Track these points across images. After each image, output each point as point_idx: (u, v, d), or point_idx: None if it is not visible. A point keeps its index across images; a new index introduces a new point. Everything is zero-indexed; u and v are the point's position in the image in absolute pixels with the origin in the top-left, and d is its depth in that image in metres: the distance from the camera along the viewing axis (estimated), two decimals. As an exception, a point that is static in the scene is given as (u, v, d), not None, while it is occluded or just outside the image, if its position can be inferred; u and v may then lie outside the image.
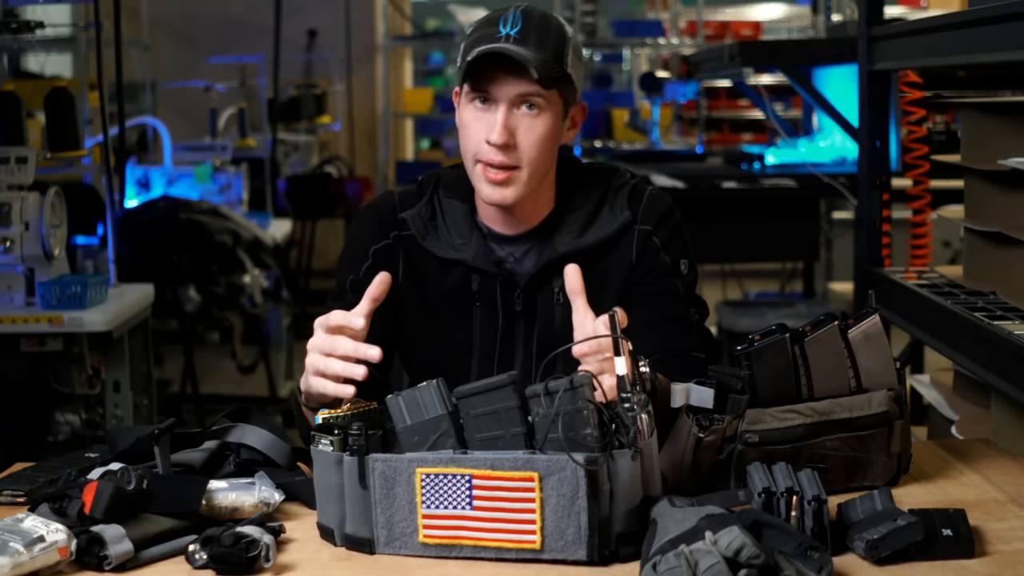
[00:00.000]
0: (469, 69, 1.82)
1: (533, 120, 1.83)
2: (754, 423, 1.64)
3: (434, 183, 1.98)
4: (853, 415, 1.68)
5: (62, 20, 5.85)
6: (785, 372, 1.66)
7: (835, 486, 1.66)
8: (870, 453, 1.70)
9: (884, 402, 1.69)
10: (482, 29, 1.85)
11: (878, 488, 1.58)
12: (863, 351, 1.69)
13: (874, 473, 1.71)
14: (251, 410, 1.83)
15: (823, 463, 1.66)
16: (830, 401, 1.68)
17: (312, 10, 8.86)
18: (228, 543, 1.46)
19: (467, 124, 1.86)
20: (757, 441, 1.64)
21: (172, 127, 5.87)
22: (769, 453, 1.64)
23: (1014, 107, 2.53)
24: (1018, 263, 2.42)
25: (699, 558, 1.32)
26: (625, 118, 8.12)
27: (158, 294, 3.95)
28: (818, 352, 1.67)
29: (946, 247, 4.56)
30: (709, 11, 9.12)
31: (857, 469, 1.70)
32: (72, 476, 1.60)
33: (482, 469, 1.47)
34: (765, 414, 1.65)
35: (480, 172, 1.86)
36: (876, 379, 1.70)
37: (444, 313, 1.94)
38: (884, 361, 1.71)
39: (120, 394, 3.52)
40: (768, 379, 1.65)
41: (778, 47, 5.54)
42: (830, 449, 1.67)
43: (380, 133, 8.90)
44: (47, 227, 3.26)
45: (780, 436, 1.65)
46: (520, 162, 1.84)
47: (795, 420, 1.65)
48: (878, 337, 1.71)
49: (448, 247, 1.93)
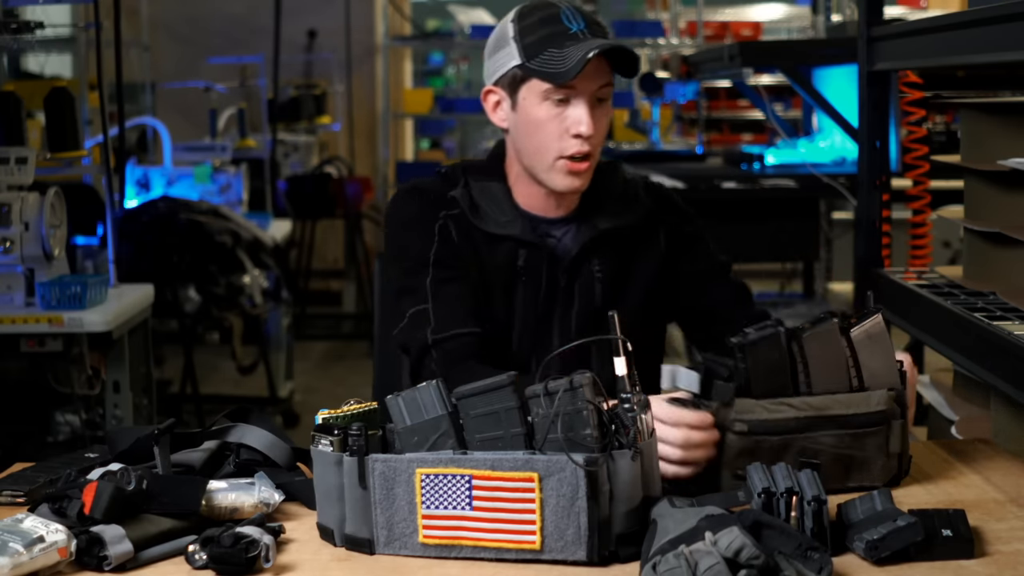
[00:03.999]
0: (576, 69, 1.87)
1: (605, 110, 1.97)
2: (744, 413, 1.64)
3: (462, 171, 2.05)
4: (849, 412, 1.67)
5: (62, 20, 5.85)
6: (780, 366, 1.65)
7: (831, 484, 1.64)
8: (867, 452, 1.69)
9: (883, 401, 1.68)
10: (546, 27, 1.91)
11: (877, 489, 1.58)
12: (866, 350, 1.69)
13: (872, 473, 1.71)
14: (251, 410, 1.83)
15: (816, 459, 1.65)
16: (826, 396, 1.67)
17: (312, 10, 8.86)
18: (228, 543, 1.46)
19: (545, 121, 1.94)
20: (746, 431, 1.63)
21: (172, 127, 5.87)
22: (758, 444, 1.63)
23: (1014, 107, 2.53)
24: (1018, 263, 2.41)
25: (699, 558, 1.32)
26: (625, 118, 8.11)
27: (158, 294, 3.94)
28: (816, 349, 1.67)
29: (946, 247, 4.55)
30: (709, 11, 9.11)
31: (854, 468, 1.70)
32: (72, 476, 1.60)
33: (482, 469, 1.47)
34: (756, 405, 1.65)
35: (563, 166, 1.95)
36: (879, 379, 1.69)
37: (489, 289, 2.00)
38: (887, 361, 1.71)
39: (120, 394, 3.52)
40: (762, 372, 1.65)
41: (778, 47, 5.53)
42: (823, 445, 1.67)
43: (380, 133, 8.90)
44: (47, 227, 3.26)
45: (770, 427, 1.64)
46: (595, 151, 1.97)
47: (787, 413, 1.65)
48: (881, 336, 1.70)
49: (494, 224, 2.01)
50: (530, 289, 2.01)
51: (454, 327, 1.94)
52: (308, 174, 7.36)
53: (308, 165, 7.50)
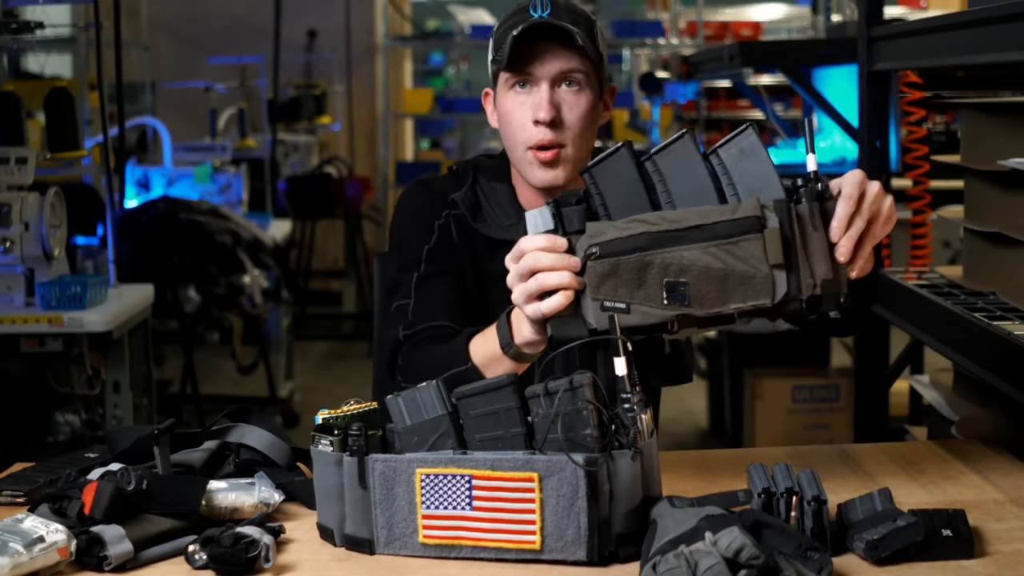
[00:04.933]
0: (511, 51, 1.84)
1: (576, 96, 1.87)
2: (595, 236, 1.56)
3: (472, 170, 2.02)
4: (710, 221, 1.54)
5: (62, 20, 5.86)
6: (633, 187, 1.57)
7: (713, 307, 1.54)
8: (745, 266, 1.54)
9: (752, 208, 1.54)
10: (512, 18, 1.88)
11: (771, 319, 1.54)
12: (739, 167, 1.58)
13: (755, 289, 1.55)
14: (251, 410, 1.83)
15: (682, 277, 1.54)
16: (684, 210, 1.56)
17: (312, 10, 8.87)
18: (228, 543, 1.46)
19: (510, 112, 1.90)
20: (598, 254, 1.55)
21: (172, 127, 5.87)
22: (616, 267, 1.54)
23: (1014, 107, 2.53)
24: (1018, 263, 2.42)
25: (699, 558, 1.32)
26: (625, 118, 8.11)
27: (158, 294, 3.95)
28: (672, 164, 1.57)
29: (946, 247, 4.55)
30: (709, 11, 9.11)
31: (730, 284, 1.55)
32: (72, 476, 1.60)
33: (482, 469, 1.47)
34: (608, 226, 1.56)
35: (531, 158, 1.89)
36: (761, 194, 1.57)
37: (491, 293, 1.96)
38: (767, 176, 1.58)
39: (120, 394, 3.52)
40: (617, 197, 1.57)
41: (778, 47, 5.53)
42: (689, 261, 1.54)
43: (380, 133, 8.90)
44: (47, 227, 3.26)
45: (622, 246, 1.54)
46: (566, 140, 1.88)
47: (638, 228, 1.55)
48: (755, 150, 1.59)
49: (497, 228, 1.97)
50: None
51: (427, 320, 1.89)
52: (308, 174, 7.37)
53: (308, 165, 7.50)
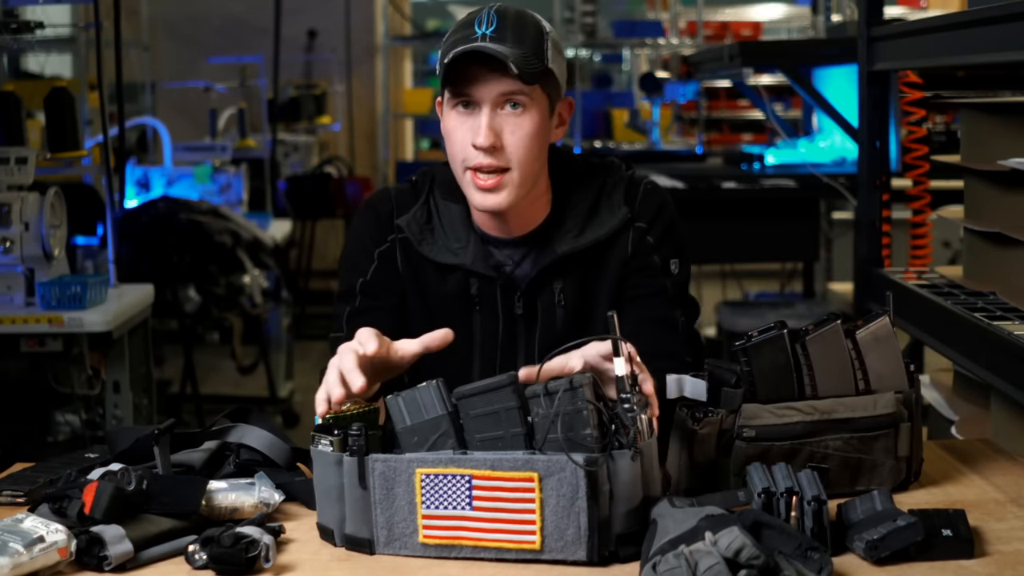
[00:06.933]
0: (447, 73, 1.78)
1: (519, 119, 1.79)
2: (751, 419, 1.63)
3: (429, 184, 1.94)
4: (856, 415, 1.66)
5: (62, 20, 5.85)
6: (784, 369, 1.64)
7: (839, 488, 1.65)
8: (875, 456, 1.68)
9: (890, 404, 1.67)
10: (458, 32, 1.80)
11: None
12: (872, 352, 1.68)
13: (880, 476, 1.69)
14: (251, 410, 1.83)
15: (824, 463, 1.65)
16: (833, 400, 1.66)
17: (312, 10, 8.86)
18: (228, 543, 1.46)
19: (452, 131, 1.82)
20: (754, 436, 1.63)
21: (172, 127, 5.87)
22: (766, 450, 1.63)
23: (1014, 107, 2.53)
24: (1018, 263, 2.42)
25: (699, 558, 1.32)
26: (625, 118, 8.12)
27: (158, 294, 3.94)
28: (820, 351, 1.65)
29: (946, 247, 4.55)
30: (709, 11, 9.11)
31: (862, 472, 1.69)
32: (72, 476, 1.60)
33: (482, 469, 1.47)
34: (763, 410, 1.64)
35: (470, 179, 1.81)
36: (886, 381, 1.68)
37: (444, 317, 1.87)
38: (894, 363, 1.69)
39: (120, 394, 3.52)
40: (767, 376, 1.64)
41: (778, 47, 5.54)
42: (832, 449, 1.66)
43: (380, 133, 8.90)
44: (47, 227, 3.26)
45: (778, 433, 1.64)
46: (510, 163, 1.80)
47: (794, 417, 1.64)
48: (888, 339, 1.69)
49: (446, 251, 1.89)
50: (487, 317, 1.89)
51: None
52: (308, 174, 7.36)
53: (308, 165, 7.50)
